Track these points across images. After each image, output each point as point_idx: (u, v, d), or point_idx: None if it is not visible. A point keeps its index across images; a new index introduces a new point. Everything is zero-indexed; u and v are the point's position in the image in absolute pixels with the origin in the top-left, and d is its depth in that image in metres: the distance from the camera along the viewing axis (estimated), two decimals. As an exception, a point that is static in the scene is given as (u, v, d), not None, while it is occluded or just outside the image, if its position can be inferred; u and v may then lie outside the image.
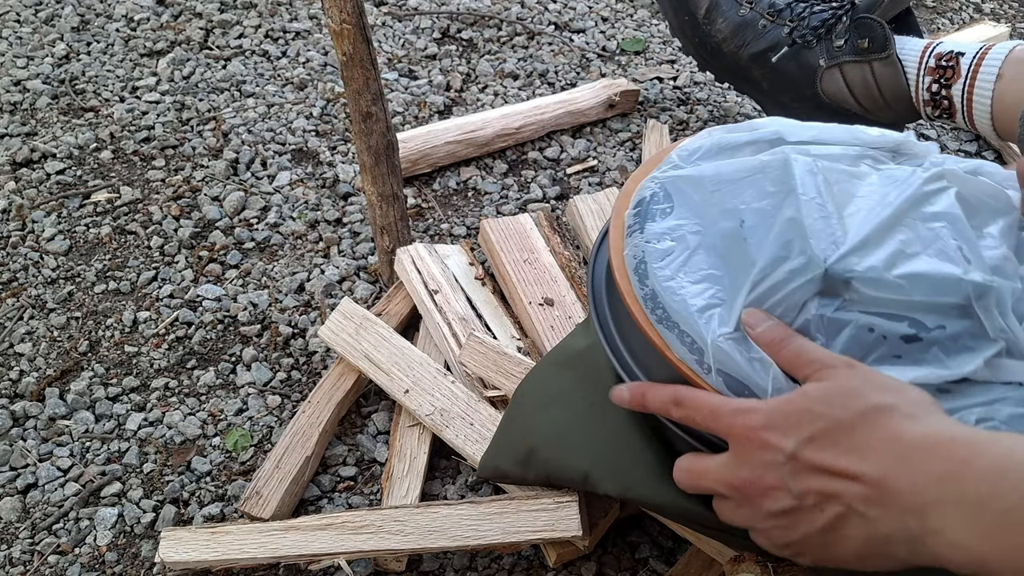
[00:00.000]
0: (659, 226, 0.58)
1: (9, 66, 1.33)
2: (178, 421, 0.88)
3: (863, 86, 1.00)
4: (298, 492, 0.81)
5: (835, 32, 1.01)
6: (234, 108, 1.26)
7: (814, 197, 0.54)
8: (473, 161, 1.18)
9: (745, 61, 1.09)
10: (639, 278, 0.57)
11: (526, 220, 0.99)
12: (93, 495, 0.83)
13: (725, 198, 0.56)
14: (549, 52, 1.38)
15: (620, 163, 1.18)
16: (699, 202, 0.57)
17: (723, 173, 0.58)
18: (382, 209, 0.95)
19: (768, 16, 1.07)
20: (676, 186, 0.59)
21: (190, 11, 1.44)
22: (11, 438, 0.88)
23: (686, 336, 0.54)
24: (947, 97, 0.95)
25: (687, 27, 1.14)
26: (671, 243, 0.57)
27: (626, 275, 0.58)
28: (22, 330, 0.98)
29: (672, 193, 0.59)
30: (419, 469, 0.81)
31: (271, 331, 0.97)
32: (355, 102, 0.88)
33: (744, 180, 0.56)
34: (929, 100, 0.96)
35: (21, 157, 1.17)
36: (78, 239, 1.08)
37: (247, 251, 1.07)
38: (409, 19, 1.44)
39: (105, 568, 0.78)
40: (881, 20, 0.98)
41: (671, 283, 0.55)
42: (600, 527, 0.73)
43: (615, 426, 0.65)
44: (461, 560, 0.77)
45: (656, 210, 0.58)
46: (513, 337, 0.88)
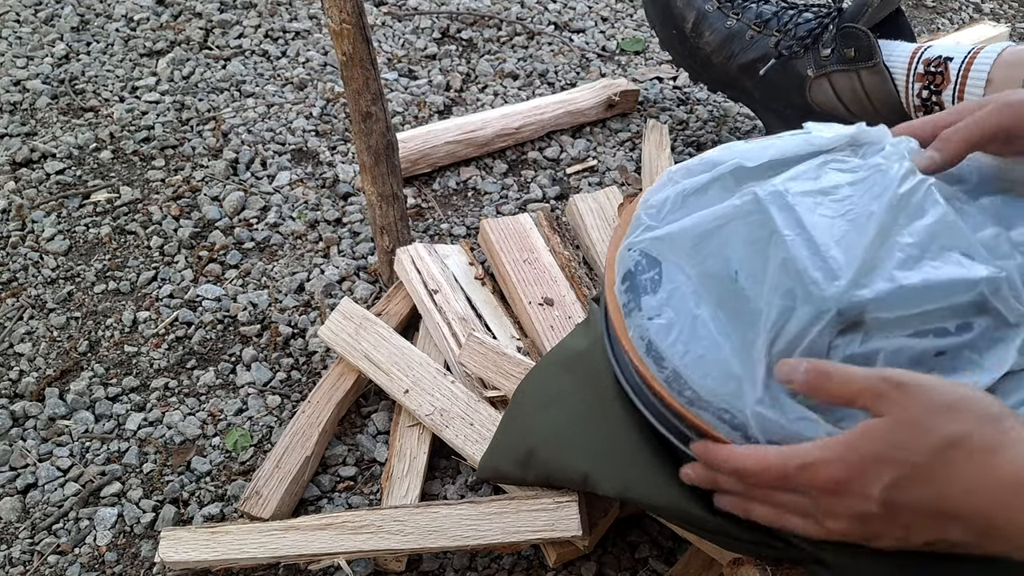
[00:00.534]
0: (654, 299, 0.56)
1: (9, 66, 1.33)
2: (178, 421, 0.88)
3: (852, 95, 1.00)
4: (298, 492, 0.81)
5: (821, 41, 1.01)
6: (234, 108, 1.26)
7: (799, 233, 0.52)
8: (473, 161, 1.18)
9: (735, 72, 1.10)
10: (654, 360, 0.55)
11: (526, 220, 0.99)
12: (93, 495, 0.83)
13: (709, 253, 0.55)
14: (549, 52, 1.38)
15: (620, 163, 1.18)
16: (684, 263, 0.56)
17: (699, 226, 0.56)
18: (382, 209, 0.95)
19: (755, 27, 1.07)
20: (656, 249, 0.58)
21: (190, 11, 1.44)
22: (11, 438, 0.88)
23: (724, 413, 0.53)
24: (938, 103, 0.94)
25: (675, 41, 1.14)
26: (672, 314, 0.55)
27: (642, 361, 0.56)
28: (22, 330, 0.98)
29: (655, 257, 0.58)
30: (419, 469, 0.81)
31: (271, 331, 0.97)
32: (355, 102, 0.88)
33: (722, 230, 0.55)
34: (920, 106, 0.96)
35: (21, 157, 1.17)
36: (78, 239, 1.08)
37: (247, 251, 1.07)
38: (409, 19, 1.44)
39: (105, 568, 0.78)
40: (866, 29, 0.97)
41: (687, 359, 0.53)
42: (600, 527, 0.73)
43: (615, 427, 0.65)
44: (461, 560, 0.77)
45: (645, 281, 0.57)
46: (513, 337, 0.88)
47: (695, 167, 0.61)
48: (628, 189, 1.13)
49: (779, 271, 0.51)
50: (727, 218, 0.55)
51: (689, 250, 0.56)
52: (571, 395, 0.70)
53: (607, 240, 0.98)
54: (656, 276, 0.57)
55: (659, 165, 1.14)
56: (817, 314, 0.50)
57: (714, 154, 0.61)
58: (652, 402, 0.58)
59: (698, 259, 0.55)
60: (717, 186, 0.59)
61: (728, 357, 0.53)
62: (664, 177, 0.62)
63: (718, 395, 0.52)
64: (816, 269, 0.51)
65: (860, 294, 0.50)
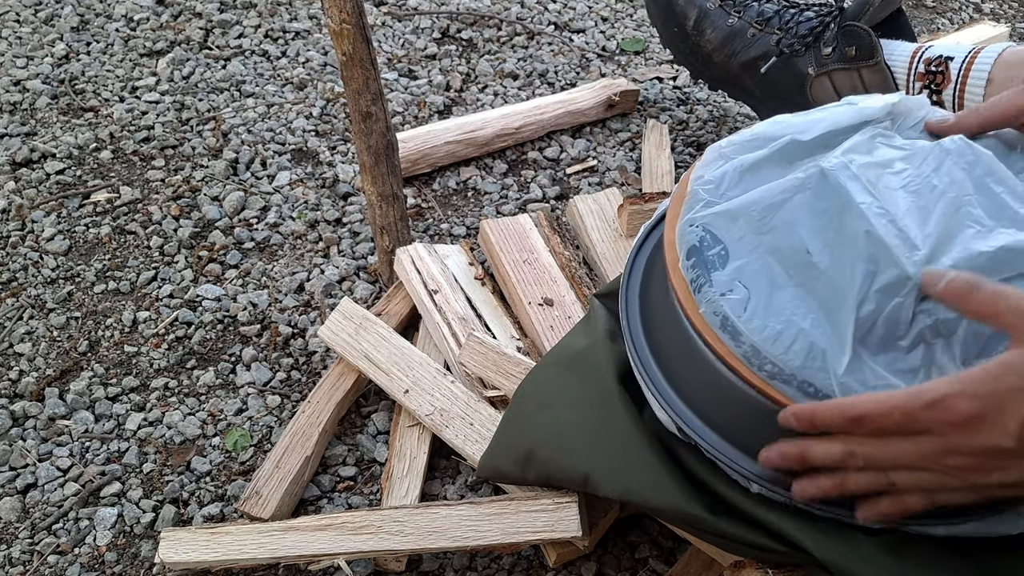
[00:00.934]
0: (724, 274, 0.56)
1: (9, 66, 1.33)
2: (178, 421, 0.88)
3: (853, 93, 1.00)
4: (298, 492, 0.81)
5: (823, 40, 1.01)
6: (234, 108, 1.26)
7: (871, 202, 0.52)
8: (473, 161, 1.18)
9: (736, 70, 1.10)
10: (731, 336, 0.55)
11: (526, 220, 0.99)
12: (93, 495, 0.83)
13: (775, 226, 0.55)
14: (549, 52, 1.38)
15: (620, 163, 1.18)
16: (750, 237, 0.56)
17: (763, 200, 0.56)
18: (382, 209, 0.95)
19: (756, 25, 1.07)
20: (719, 225, 0.57)
21: (190, 11, 1.44)
22: (11, 438, 0.88)
23: (808, 386, 0.52)
24: (938, 102, 0.94)
25: (676, 38, 1.14)
26: (744, 289, 0.55)
27: (717, 336, 0.55)
28: (22, 330, 0.98)
29: (718, 234, 0.57)
30: (419, 469, 0.81)
31: (271, 331, 0.97)
32: (355, 102, 0.88)
33: (788, 203, 0.55)
34: None
35: (21, 157, 1.17)
36: (78, 239, 1.08)
37: (247, 251, 1.07)
38: (409, 19, 1.44)
39: (105, 568, 0.78)
40: (868, 28, 0.97)
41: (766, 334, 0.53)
42: (600, 527, 0.73)
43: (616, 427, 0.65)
44: (461, 560, 0.77)
45: (712, 256, 0.57)
46: (513, 337, 0.88)
47: (747, 143, 0.61)
48: (628, 189, 1.13)
49: (859, 240, 0.51)
50: (793, 191, 0.55)
51: (755, 224, 0.56)
52: (571, 395, 0.70)
53: (607, 240, 0.98)
54: (722, 252, 0.56)
55: (659, 165, 1.14)
56: (901, 280, 0.50)
57: (765, 129, 0.61)
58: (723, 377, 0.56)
59: (764, 233, 0.55)
60: (773, 161, 0.59)
61: (809, 330, 0.52)
62: (713, 153, 0.62)
63: (801, 368, 0.52)
64: (895, 238, 0.51)
65: (940, 262, 0.50)
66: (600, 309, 0.74)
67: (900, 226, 0.51)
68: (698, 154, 1.20)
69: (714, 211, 0.58)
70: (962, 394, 0.46)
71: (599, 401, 0.67)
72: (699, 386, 0.59)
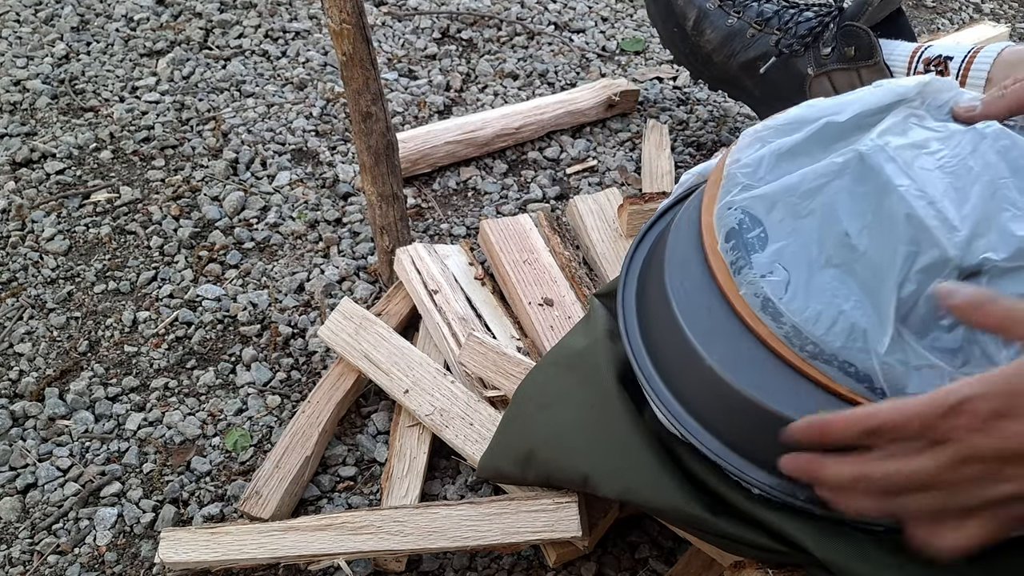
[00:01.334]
0: (764, 256, 0.56)
1: (9, 66, 1.33)
2: (178, 421, 0.88)
3: None
4: (298, 492, 0.81)
5: (822, 40, 1.02)
6: (234, 108, 1.26)
7: (910, 185, 0.53)
8: (473, 161, 1.18)
9: (735, 70, 1.10)
10: (772, 317, 0.55)
11: (526, 220, 0.99)
12: (93, 495, 0.83)
13: (815, 209, 0.55)
14: (549, 52, 1.38)
15: (620, 163, 1.18)
16: (790, 220, 0.56)
17: (802, 183, 0.56)
18: (382, 209, 0.95)
19: (756, 25, 1.07)
20: (758, 207, 0.58)
21: (190, 11, 1.44)
22: (11, 438, 0.88)
23: (848, 366, 0.52)
24: None
25: (676, 38, 1.14)
26: (784, 271, 0.55)
27: (758, 318, 0.55)
28: (22, 330, 0.98)
29: (758, 216, 0.57)
30: (419, 469, 0.81)
31: (271, 331, 0.97)
32: (355, 102, 0.88)
33: (827, 187, 0.55)
34: None
35: (21, 157, 1.17)
36: (78, 239, 1.08)
37: (247, 251, 1.07)
38: (409, 19, 1.44)
39: (105, 568, 0.78)
40: (866, 28, 0.97)
41: (807, 314, 0.53)
42: (600, 527, 0.73)
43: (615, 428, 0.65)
44: (461, 560, 0.77)
45: (752, 239, 0.57)
46: (513, 337, 0.88)
47: (783, 126, 0.61)
48: (628, 189, 1.13)
49: (899, 222, 0.52)
50: (832, 175, 0.56)
51: (794, 207, 0.56)
52: (571, 395, 0.70)
53: (607, 240, 0.98)
54: (762, 234, 0.57)
55: (659, 165, 1.14)
56: (941, 261, 0.50)
57: (799, 112, 0.61)
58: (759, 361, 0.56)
59: (803, 217, 0.56)
60: (810, 144, 0.59)
61: (850, 311, 0.53)
62: (749, 137, 0.62)
63: (843, 349, 0.52)
64: (934, 219, 0.51)
65: (979, 243, 0.50)
66: (600, 309, 0.74)
67: (939, 208, 0.52)
68: (698, 154, 1.20)
69: (753, 194, 0.58)
70: (984, 395, 0.45)
71: (599, 401, 0.67)
72: (696, 388, 0.59)
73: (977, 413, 0.45)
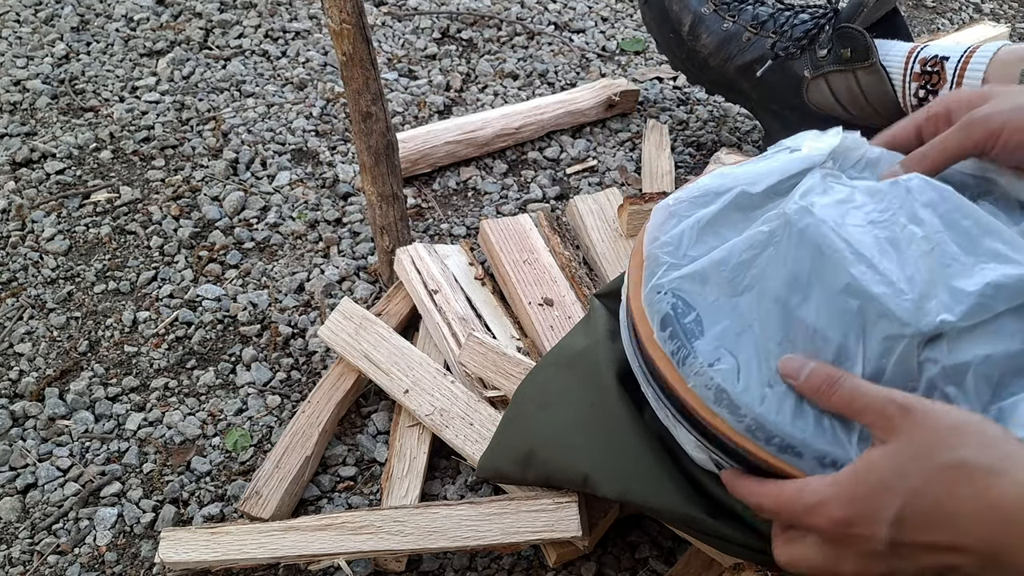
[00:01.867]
0: (705, 342, 0.52)
1: (9, 66, 1.33)
2: (178, 421, 0.88)
3: (849, 95, 1.00)
4: (298, 492, 0.81)
5: (818, 42, 1.01)
6: (234, 108, 1.26)
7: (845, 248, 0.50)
8: (473, 161, 1.18)
9: (732, 74, 1.10)
10: (729, 411, 0.51)
11: (526, 220, 0.99)
12: (93, 495, 0.83)
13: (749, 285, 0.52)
14: (549, 52, 1.38)
15: (620, 163, 1.18)
16: (724, 299, 0.53)
17: (730, 259, 0.53)
18: (382, 209, 0.95)
19: (751, 28, 1.07)
20: (688, 290, 0.54)
21: (190, 11, 1.44)
22: (11, 438, 0.88)
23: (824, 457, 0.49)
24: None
25: (672, 44, 1.14)
26: (731, 357, 0.51)
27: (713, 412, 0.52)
28: (22, 330, 0.98)
29: (689, 300, 0.54)
30: (419, 469, 0.81)
31: (271, 331, 0.97)
32: (355, 102, 0.88)
33: (758, 259, 0.53)
34: (917, 105, 0.96)
35: (21, 157, 1.17)
36: (78, 239, 1.08)
37: (247, 251, 1.07)
38: (409, 19, 1.44)
39: (105, 568, 0.78)
40: (862, 29, 0.97)
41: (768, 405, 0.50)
42: (600, 527, 0.73)
43: (615, 428, 0.65)
44: (461, 560, 0.77)
45: (690, 324, 0.53)
46: (513, 337, 0.88)
47: (696, 199, 0.58)
48: (628, 189, 1.13)
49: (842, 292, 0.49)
50: (761, 245, 0.53)
51: (727, 285, 0.53)
52: (571, 395, 0.70)
53: (607, 240, 0.98)
54: (698, 318, 0.53)
55: (659, 165, 1.14)
56: (897, 329, 0.48)
57: (711, 182, 0.59)
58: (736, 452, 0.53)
59: (739, 294, 0.53)
60: (728, 213, 0.56)
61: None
62: (663, 213, 0.59)
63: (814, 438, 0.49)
64: (879, 285, 0.48)
65: (930, 305, 0.48)
66: (600, 309, 0.74)
67: (881, 271, 0.49)
68: (698, 154, 1.20)
69: (680, 274, 0.55)
70: (835, 498, 0.46)
71: (599, 401, 0.67)
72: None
73: (831, 517, 0.46)
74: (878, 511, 0.45)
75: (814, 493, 0.47)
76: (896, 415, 0.45)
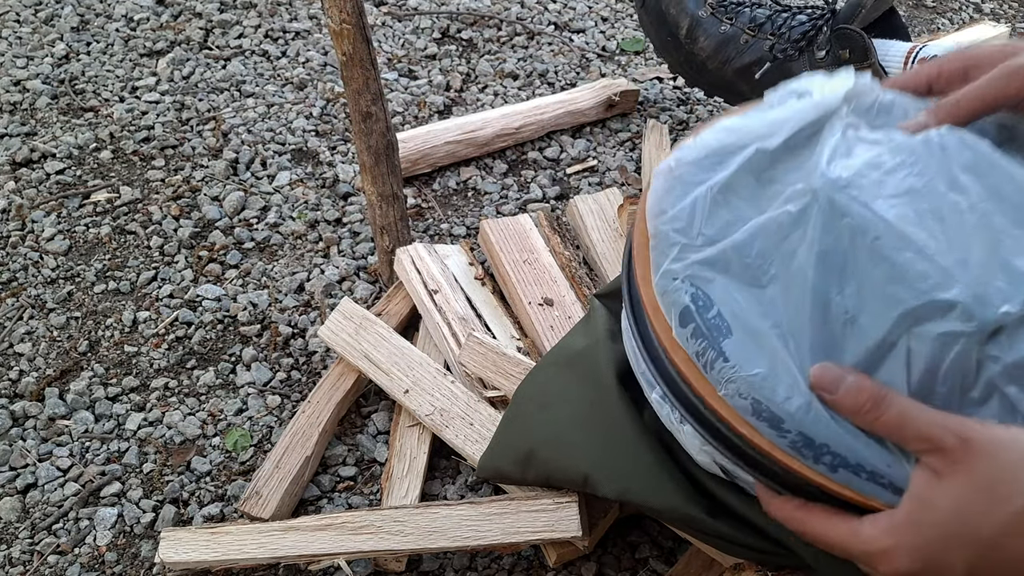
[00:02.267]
0: (736, 344, 0.46)
1: (9, 66, 1.33)
2: (178, 421, 0.88)
3: None
4: (298, 492, 0.81)
5: (816, 44, 1.01)
6: (234, 108, 1.26)
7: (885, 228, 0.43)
8: (473, 161, 1.18)
9: (731, 76, 1.10)
10: (770, 424, 0.45)
11: (526, 220, 0.99)
12: (93, 495, 0.83)
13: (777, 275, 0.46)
14: (549, 52, 1.38)
15: (620, 163, 1.18)
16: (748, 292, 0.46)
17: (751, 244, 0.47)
18: (382, 209, 0.95)
19: (749, 31, 1.07)
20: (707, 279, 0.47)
21: (190, 11, 1.44)
22: (11, 438, 0.88)
23: (880, 478, 0.43)
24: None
25: (670, 47, 1.14)
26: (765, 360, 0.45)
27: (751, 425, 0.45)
28: (22, 330, 0.98)
29: (708, 292, 0.47)
30: (419, 469, 0.81)
31: (271, 331, 0.97)
32: (355, 102, 0.88)
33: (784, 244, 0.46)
34: None
35: (21, 157, 1.17)
36: (78, 239, 1.08)
37: (247, 251, 1.07)
38: (409, 19, 1.44)
39: (105, 568, 0.78)
40: (860, 30, 0.97)
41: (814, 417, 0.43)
42: (600, 527, 0.73)
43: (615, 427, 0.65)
44: (461, 560, 0.77)
45: (714, 320, 0.46)
46: (513, 337, 0.88)
47: (703, 161, 0.51)
48: (628, 189, 1.13)
49: (883, 284, 0.43)
50: (787, 228, 0.46)
51: (751, 275, 0.46)
52: (571, 395, 0.70)
53: (607, 240, 0.98)
54: (720, 313, 0.46)
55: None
56: (952, 329, 0.41)
57: (716, 140, 0.51)
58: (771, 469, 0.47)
59: (765, 285, 0.46)
60: (742, 179, 0.49)
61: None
62: (666, 180, 0.51)
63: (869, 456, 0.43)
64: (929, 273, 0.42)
65: (989, 295, 0.42)
66: (600, 309, 0.74)
67: (929, 255, 0.42)
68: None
69: (697, 259, 0.48)
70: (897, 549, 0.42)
71: (599, 401, 0.67)
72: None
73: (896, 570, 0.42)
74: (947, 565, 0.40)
75: (872, 541, 0.42)
76: (955, 447, 0.40)
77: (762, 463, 0.46)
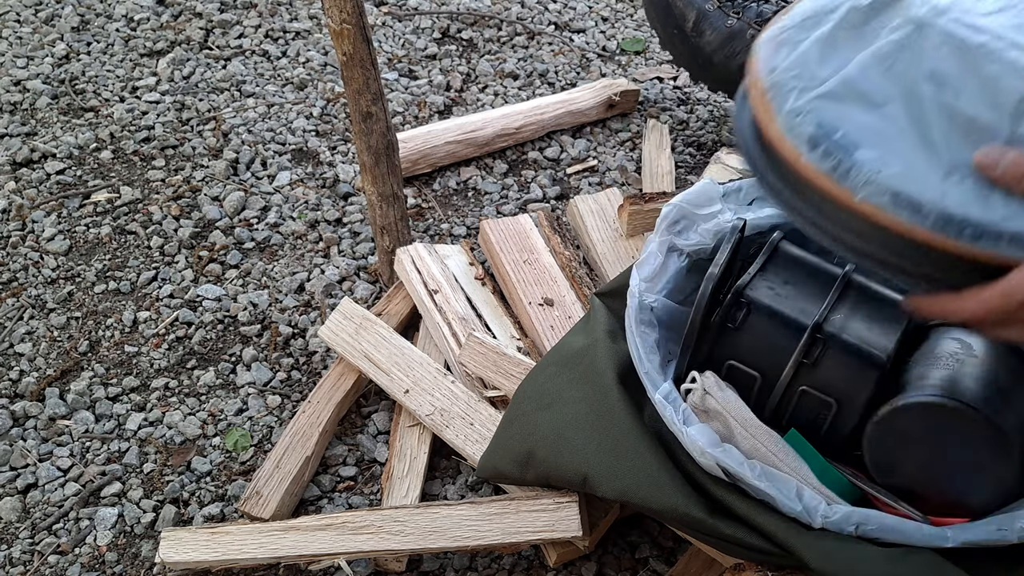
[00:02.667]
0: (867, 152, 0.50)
1: (9, 66, 1.33)
2: (178, 421, 0.88)
3: None
4: (298, 492, 0.81)
5: None
6: (234, 108, 1.26)
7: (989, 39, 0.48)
8: (473, 161, 1.18)
9: (736, 70, 1.09)
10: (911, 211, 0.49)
11: (526, 220, 0.99)
12: (93, 495, 0.83)
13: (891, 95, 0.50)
14: (549, 52, 1.38)
15: (620, 163, 1.18)
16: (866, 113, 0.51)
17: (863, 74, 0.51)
18: (382, 209, 0.95)
19: (756, 25, 1.07)
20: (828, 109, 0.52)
21: (190, 11, 1.44)
22: (11, 438, 0.88)
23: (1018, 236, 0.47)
24: None
25: (676, 40, 1.14)
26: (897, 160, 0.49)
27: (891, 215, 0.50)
28: (22, 330, 0.98)
29: (830, 120, 0.52)
30: (419, 469, 0.81)
31: (271, 331, 0.97)
32: (355, 102, 0.88)
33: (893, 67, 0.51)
34: None
35: (21, 157, 1.17)
36: (78, 239, 1.08)
37: (247, 251, 1.07)
38: (409, 19, 1.44)
39: (105, 568, 0.78)
40: None
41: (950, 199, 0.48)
42: (600, 527, 0.73)
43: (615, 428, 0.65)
44: (461, 560, 0.77)
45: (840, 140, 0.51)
46: (513, 337, 0.88)
47: (803, 23, 0.55)
48: (628, 189, 1.13)
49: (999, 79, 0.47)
50: (893, 55, 0.51)
51: (865, 99, 0.51)
52: (571, 395, 0.70)
53: (607, 240, 0.98)
54: (845, 133, 0.51)
55: (659, 165, 1.14)
56: None
57: (811, 6, 0.56)
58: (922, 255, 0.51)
59: (880, 105, 0.51)
60: (843, 31, 0.54)
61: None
62: (771, 46, 0.56)
63: (1007, 220, 0.47)
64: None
65: None
66: (600, 308, 0.74)
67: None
68: (698, 154, 1.20)
69: (816, 94, 0.52)
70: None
71: (599, 401, 0.67)
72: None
73: None
74: None
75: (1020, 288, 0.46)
76: None
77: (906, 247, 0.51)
